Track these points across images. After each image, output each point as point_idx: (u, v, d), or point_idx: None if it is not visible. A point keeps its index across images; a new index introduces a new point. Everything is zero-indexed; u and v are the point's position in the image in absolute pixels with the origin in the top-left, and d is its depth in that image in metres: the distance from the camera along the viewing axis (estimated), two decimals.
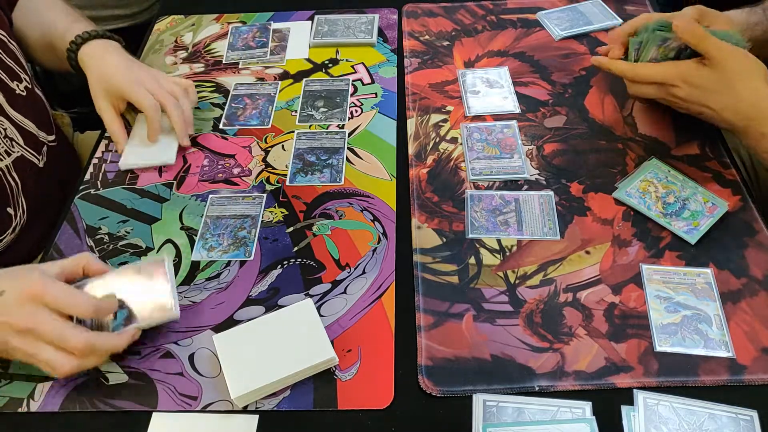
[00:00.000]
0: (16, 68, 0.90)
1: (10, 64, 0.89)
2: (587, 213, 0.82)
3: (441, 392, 0.66)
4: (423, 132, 0.93)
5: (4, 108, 0.86)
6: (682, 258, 0.76)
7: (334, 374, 0.68)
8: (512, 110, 0.95)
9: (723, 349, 0.68)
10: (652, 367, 0.67)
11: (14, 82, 0.88)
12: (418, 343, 0.70)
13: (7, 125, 0.86)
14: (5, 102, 0.86)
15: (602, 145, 0.90)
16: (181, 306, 0.74)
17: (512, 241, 0.79)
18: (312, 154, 0.91)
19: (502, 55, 1.05)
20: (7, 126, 0.86)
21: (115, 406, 0.67)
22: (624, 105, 0.95)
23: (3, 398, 0.68)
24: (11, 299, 0.63)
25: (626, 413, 0.63)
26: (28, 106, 0.90)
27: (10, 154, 0.86)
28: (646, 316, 0.71)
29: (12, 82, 0.88)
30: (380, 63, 1.05)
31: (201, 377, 0.69)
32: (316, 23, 1.13)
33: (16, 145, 0.87)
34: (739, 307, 0.71)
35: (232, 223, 0.83)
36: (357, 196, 0.85)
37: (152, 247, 0.81)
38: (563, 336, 0.70)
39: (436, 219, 0.82)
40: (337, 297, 0.75)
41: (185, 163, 0.91)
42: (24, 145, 0.88)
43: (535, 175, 0.86)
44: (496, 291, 0.74)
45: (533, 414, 0.64)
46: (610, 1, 1.12)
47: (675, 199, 0.81)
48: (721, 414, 0.62)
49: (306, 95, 1.00)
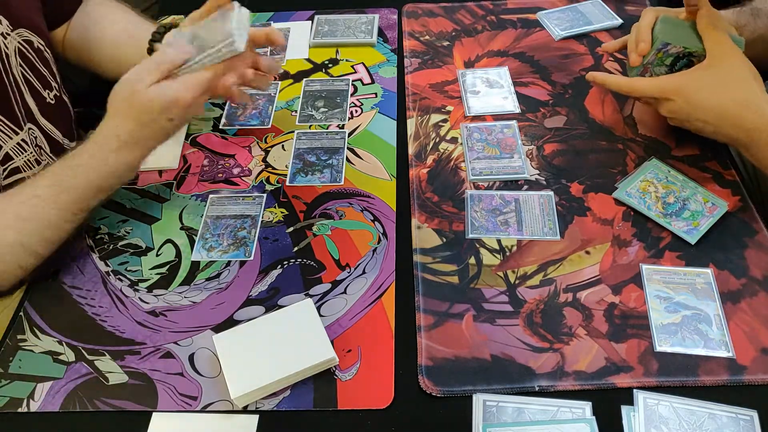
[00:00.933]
0: (49, 76, 0.90)
1: (43, 73, 0.89)
2: (587, 213, 0.82)
3: (441, 392, 0.66)
4: (423, 132, 0.93)
5: (35, 116, 0.86)
6: (682, 258, 0.76)
7: (334, 374, 0.68)
8: (512, 110, 0.95)
9: (723, 349, 0.68)
10: (652, 367, 0.67)
11: (46, 91, 0.88)
12: (418, 343, 0.70)
13: (37, 133, 0.86)
14: (37, 110, 0.87)
15: (602, 146, 0.90)
16: (181, 306, 0.75)
17: (512, 241, 0.79)
18: (312, 154, 0.91)
19: (502, 55, 1.05)
20: (37, 134, 0.86)
21: (115, 406, 0.67)
22: (624, 105, 0.95)
23: (3, 398, 0.68)
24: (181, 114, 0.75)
25: (626, 413, 0.63)
26: (56, 115, 0.91)
27: (40, 163, 0.86)
28: (646, 316, 0.71)
29: (44, 90, 0.88)
30: (380, 63, 1.05)
31: (201, 377, 0.69)
32: (316, 23, 1.13)
33: (44, 153, 0.87)
34: (739, 307, 0.71)
35: (232, 223, 0.83)
36: (357, 196, 0.85)
37: (152, 247, 0.81)
38: (563, 336, 0.70)
39: (436, 219, 0.82)
40: (337, 297, 0.75)
41: (185, 163, 0.91)
42: (50, 153, 0.89)
43: (535, 175, 0.86)
44: (496, 291, 0.74)
45: (533, 414, 0.64)
46: (610, 1, 1.12)
47: (675, 199, 0.81)
48: (721, 414, 0.62)
49: (306, 95, 1.00)
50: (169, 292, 0.76)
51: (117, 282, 0.78)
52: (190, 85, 0.74)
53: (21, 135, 0.83)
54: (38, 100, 0.87)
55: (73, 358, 0.71)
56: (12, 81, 0.83)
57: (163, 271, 0.79)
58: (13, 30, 0.84)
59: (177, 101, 0.73)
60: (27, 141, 0.84)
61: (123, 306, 0.75)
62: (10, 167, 0.82)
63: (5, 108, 0.82)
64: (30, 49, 0.86)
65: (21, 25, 0.85)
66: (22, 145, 0.84)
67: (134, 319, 0.74)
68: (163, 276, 0.78)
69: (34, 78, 0.87)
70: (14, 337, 0.73)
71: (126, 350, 0.71)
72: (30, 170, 0.85)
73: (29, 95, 0.85)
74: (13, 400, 0.68)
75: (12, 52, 0.83)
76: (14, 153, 0.83)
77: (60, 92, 0.93)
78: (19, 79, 0.84)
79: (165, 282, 0.77)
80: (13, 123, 0.82)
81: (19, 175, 0.84)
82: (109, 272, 0.79)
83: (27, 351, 0.72)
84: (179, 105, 0.74)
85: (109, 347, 0.72)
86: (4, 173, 0.82)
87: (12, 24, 0.83)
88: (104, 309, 0.75)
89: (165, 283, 0.77)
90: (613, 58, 1.02)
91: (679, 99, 0.77)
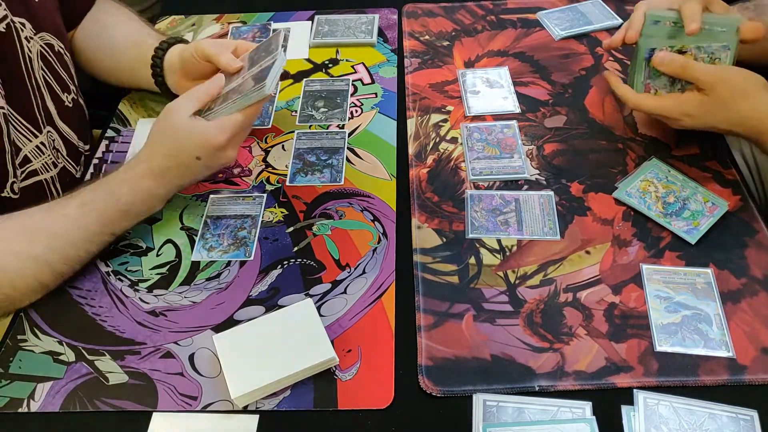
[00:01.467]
0: (68, 80, 0.90)
1: (63, 76, 0.89)
2: (587, 213, 0.82)
3: (441, 392, 0.66)
4: (423, 132, 0.93)
5: (54, 119, 0.87)
6: (682, 258, 0.76)
7: (334, 374, 0.68)
8: (512, 110, 0.95)
9: (723, 349, 0.68)
10: (652, 367, 0.67)
11: (64, 94, 0.89)
12: (418, 343, 0.70)
13: (55, 136, 0.87)
14: (56, 114, 0.87)
15: (602, 145, 0.90)
16: (181, 306, 0.75)
17: (512, 241, 0.79)
18: (312, 154, 0.91)
19: (502, 55, 1.05)
20: (55, 137, 0.87)
21: (115, 406, 0.67)
22: (624, 105, 0.95)
23: (3, 398, 0.68)
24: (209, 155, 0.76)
25: (626, 413, 0.63)
26: (73, 118, 0.91)
27: (57, 166, 0.87)
28: (646, 316, 0.71)
29: (63, 93, 0.89)
30: (380, 63, 1.05)
31: (201, 377, 0.69)
32: (316, 23, 1.13)
33: (61, 156, 0.88)
34: (740, 307, 0.71)
35: (232, 223, 0.83)
36: (357, 196, 0.85)
37: (152, 247, 0.81)
38: (563, 336, 0.70)
39: (436, 219, 0.82)
40: (337, 297, 0.75)
41: None
42: (66, 156, 0.89)
43: (535, 175, 0.86)
44: (496, 291, 0.74)
45: (533, 414, 0.64)
46: (610, 1, 1.12)
47: (675, 199, 0.81)
48: (721, 414, 0.62)
49: (306, 95, 1.00)
50: (169, 292, 0.76)
51: (117, 282, 0.78)
52: (221, 126, 0.75)
53: (40, 138, 0.84)
54: (57, 104, 0.87)
55: (73, 358, 0.71)
56: (34, 85, 0.83)
57: (164, 271, 0.79)
58: (36, 34, 0.84)
59: (207, 140, 0.75)
60: (45, 144, 0.85)
61: (123, 306, 0.75)
62: (28, 169, 0.83)
63: (27, 111, 0.82)
64: (51, 52, 0.87)
65: (43, 29, 0.86)
66: (41, 147, 0.84)
67: (134, 319, 0.74)
68: (164, 276, 0.78)
69: (54, 81, 0.87)
70: (14, 337, 0.73)
71: (126, 350, 0.71)
72: (47, 173, 0.85)
73: (49, 99, 0.86)
74: (14, 400, 0.68)
75: (35, 56, 0.83)
76: (33, 155, 0.83)
77: (77, 95, 0.93)
78: (40, 82, 0.84)
79: (165, 282, 0.77)
80: (33, 126, 0.83)
81: (36, 178, 0.84)
82: (109, 272, 0.79)
83: (27, 351, 0.72)
84: (208, 144, 0.75)
85: (109, 347, 0.72)
86: (22, 175, 0.82)
87: (35, 27, 0.84)
88: (104, 309, 0.75)
89: (165, 283, 0.77)
90: (613, 58, 1.02)
91: (689, 118, 0.78)
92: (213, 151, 0.76)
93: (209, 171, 0.80)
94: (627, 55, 1.02)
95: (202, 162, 0.77)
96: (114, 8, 1.01)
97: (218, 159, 0.77)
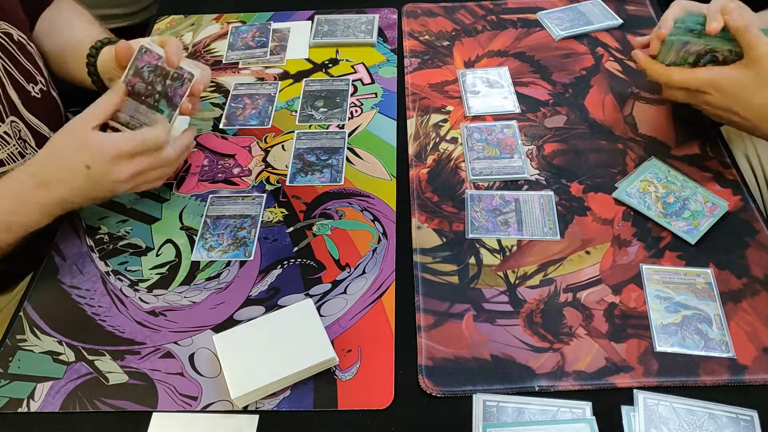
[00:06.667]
0: (33, 70, 0.90)
1: (27, 67, 0.89)
2: (587, 213, 0.82)
3: (441, 392, 0.66)
4: (423, 132, 0.93)
5: (19, 109, 0.86)
6: (682, 258, 0.76)
7: (334, 374, 0.68)
8: (512, 110, 0.95)
9: (723, 349, 0.68)
10: (652, 367, 0.67)
11: (30, 84, 0.88)
12: (418, 343, 0.70)
13: (21, 126, 0.86)
14: (21, 104, 0.86)
15: (602, 145, 0.90)
16: (181, 306, 0.75)
17: (512, 241, 0.79)
18: (312, 154, 0.91)
19: (502, 55, 1.05)
20: (21, 127, 0.86)
21: (115, 406, 0.67)
22: (624, 105, 0.95)
23: (3, 398, 0.68)
24: (100, 167, 0.73)
25: (626, 413, 0.63)
26: (42, 109, 0.91)
27: (24, 156, 0.86)
28: (646, 316, 0.71)
29: (28, 84, 0.88)
30: (380, 63, 1.05)
31: (201, 377, 0.69)
32: (316, 23, 1.13)
33: (29, 147, 0.87)
34: (740, 307, 0.71)
35: (232, 223, 0.83)
36: (357, 196, 0.85)
37: (152, 247, 0.81)
38: (563, 336, 0.70)
39: (436, 219, 0.82)
40: (337, 297, 0.75)
41: (185, 163, 0.91)
42: (35, 146, 0.88)
43: (535, 175, 0.86)
44: (496, 291, 0.74)
45: (533, 414, 0.64)
46: (610, 1, 1.12)
47: (675, 199, 0.81)
48: (721, 414, 0.62)
49: (306, 95, 1.00)
50: (169, 292, 0.76)
51: (117, 282, 0.78)
52: (121, 137, 0.75)
53: (3, 127, 0.83)
54: (22, 94, 0.87)
55: (73, 358, 0.71)
56: None
57: (163, 271, 0.79)
58: None
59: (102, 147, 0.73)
60: (9, 134, 0.84)
61: (123, 306, 0.75)
62: None
63: None
64: (9, 41, 0.86)
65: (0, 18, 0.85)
66: (5, 137, 0.84)
67: (134, 319, 0.74)
68: (163, 276, 0.78)
69: (15, 71, 0.86)
70: (14, 337, 0.73)
71: (126, 350, 0.71)
72: (14, 163, 0.85)
73: (11, 88, 0.85)
74: (13, 400, 0.68)
75: None
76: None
77: (48, 87, 0.93)
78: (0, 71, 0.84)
79: (165, 282, 0.77)
80: None
81: (2, 168, 0.84)
82: (109, 272, 0.79)
83: (27, 351, 0.72)
84: (101, 152, 0.73)
85: (109, 347, 0.72)
86: None
87: None
88: (104, 309, 0.75)
89: (165, 283, 0.77)
90: (614, 58, 1.02)
91: (718, 94, 0.77)
92: (106, 159, 0.73)
93: (98, 189, 0.76)
94: (627, 55, 1.02)
95: (91, 172, 0.73)
96: (70, 7, 1.01)
97: (109, 174, 0.74)
